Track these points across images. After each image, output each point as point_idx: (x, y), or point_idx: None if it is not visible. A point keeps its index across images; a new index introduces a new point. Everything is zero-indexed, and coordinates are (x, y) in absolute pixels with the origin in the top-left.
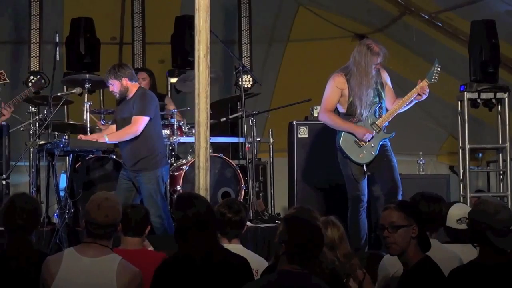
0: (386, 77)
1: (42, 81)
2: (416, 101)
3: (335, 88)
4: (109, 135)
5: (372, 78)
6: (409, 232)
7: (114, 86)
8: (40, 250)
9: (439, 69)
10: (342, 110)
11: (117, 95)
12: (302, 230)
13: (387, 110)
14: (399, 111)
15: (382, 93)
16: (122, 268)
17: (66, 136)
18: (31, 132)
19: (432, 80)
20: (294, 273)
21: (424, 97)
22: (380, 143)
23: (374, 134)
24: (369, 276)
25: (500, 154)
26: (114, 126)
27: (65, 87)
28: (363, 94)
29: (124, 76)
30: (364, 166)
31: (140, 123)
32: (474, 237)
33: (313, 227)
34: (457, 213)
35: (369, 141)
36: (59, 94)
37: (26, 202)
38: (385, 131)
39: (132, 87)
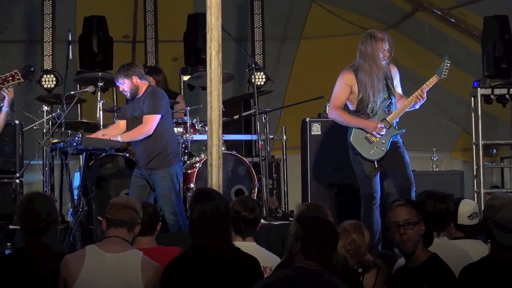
0: (395, 75)
1: (32, 69)
2: (419, 104)
3: (344, 85)
4: (122, 135)
5: (382, 68)
6: (419, 229)
7: (125, 84)
8: (59, 251)
9: (448, 64)
10: (351, 107)
11: (128, 94)
12: (318, 227)
13: (397, 107)
14: (408, 109)
15: (392, 89)
16: (145, 263)
17: (80, 135)
18: (44, 130)
19: (442, 76)
20: (308, 270)
21: (422, 101)
22: (391, 139)
23: (385, 131)
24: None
25: None
26: (119, 124)
27: (78, 85)
28: (374, 82)
29: (134, 75)
30: (376, 162)
31: (152, 122)
32: (485, 233)
33: (328, 224)
34: (467, 210)
35: (380, 137)
36: (72, 92)
37: (43, 203)
38: (396, 127)
39: (142, 86)
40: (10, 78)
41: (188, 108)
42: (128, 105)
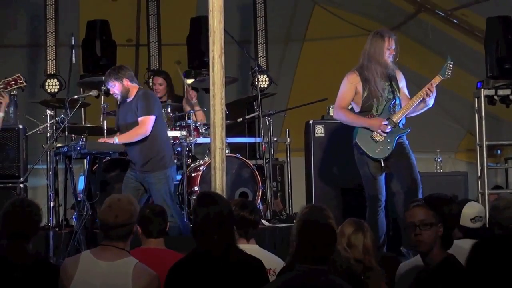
0: (401, 78)
1: (24, 79)
2: (427, 105)
3: (349, 85)
4: (119, 137)
5: (386, 66)
6: (437, 231)
7: (116, 87)
8: (37, 256)
9: (451, 65)
10: (357, 108)
11: (119, 97)
12: (313, 230)
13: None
14: (413, 111)
15: (397, 90)
16: (137, 271)
17: (83, 139)
18: (48, 135)
19: (446, 76)
20: (311, 271)
21: (433, 96)
22: (397, 138)
23: (389, 128)
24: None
25: None
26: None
27: (81, 89)
28: (378, 80)
29: (124, 77)
30: (382, 161)
31: (148, 123)
32: (492, 233)
33: (325, 226)
34: (470, 212)
35: (385, 136)
36: (75, 97)
37: (23, 208)
38: (402, 127)
39: (133, 88)
40: (13, 82)
41: (192, 111)
42: (120, 110)
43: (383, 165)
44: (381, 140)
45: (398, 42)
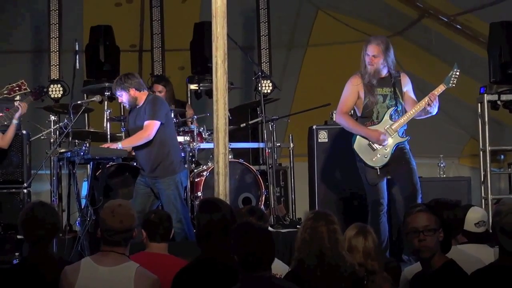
0: (406, 83)
1: (44, 89)
2: (430, 113)
3: (351, 90)
4: (122, 142)
5: (370, 73)
6: (438, 236)
7: (123, 97)
8: (62, 258)
9: (457, 73)
10: (358, 113)
11: (127, 105)
12: (248, 238)
13: (403, 114)
14: (415, 117)
15: (400, 97)
16: (139, 275)
17: (87, 144)
18: (51, 140)
19: (450, 85)
20: (256, 278)
21: (435, 105)
22: (395, 146)
23: (387, 138)
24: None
25: None
26: None
27: (85, 95)
28: (368, 85)
29: (131, 87)
30: (378, 169)
31: (152, 127)
32: (493, 238)
33: (258, 232)
34: (475, 217)
35: (384, 145)
36: (79, 102)
37: (46, 212)
38: (403, 135)
39: (141, 96)
40: (17, 88)
41: (195, 116)
42: (131, 116)
43: (379, 173)
44: (378, 148)
45: (376, 47)
